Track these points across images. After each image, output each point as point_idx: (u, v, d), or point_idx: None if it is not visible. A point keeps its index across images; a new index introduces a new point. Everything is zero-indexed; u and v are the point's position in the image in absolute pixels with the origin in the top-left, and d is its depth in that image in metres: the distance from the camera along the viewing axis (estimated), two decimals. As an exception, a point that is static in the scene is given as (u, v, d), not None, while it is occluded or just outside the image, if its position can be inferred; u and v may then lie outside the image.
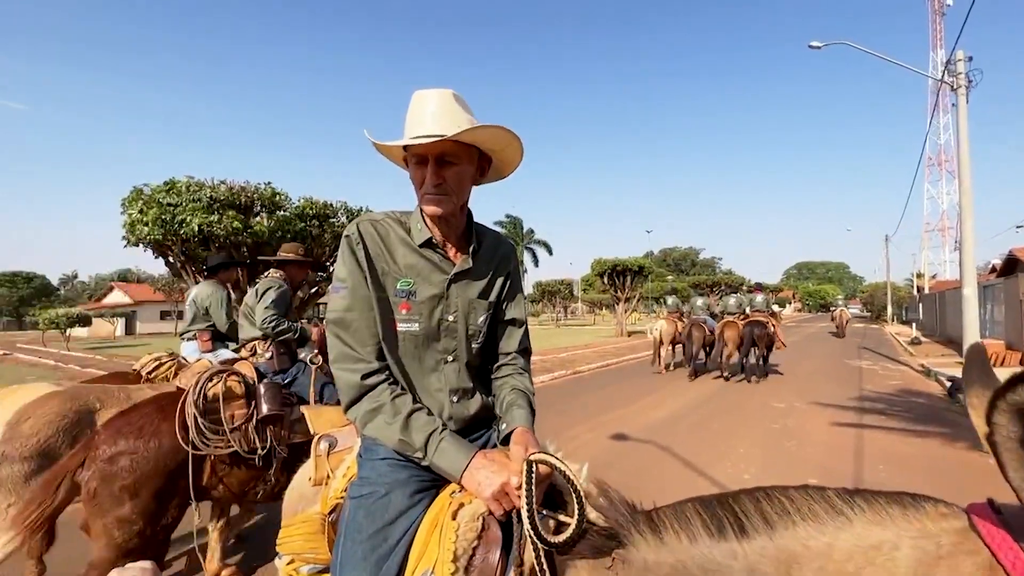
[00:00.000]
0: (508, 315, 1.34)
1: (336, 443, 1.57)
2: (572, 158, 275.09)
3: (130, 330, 40.41)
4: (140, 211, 7.57)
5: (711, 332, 10.72)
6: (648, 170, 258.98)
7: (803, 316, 61.47)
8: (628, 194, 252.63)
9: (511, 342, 1.35)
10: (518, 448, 1.06)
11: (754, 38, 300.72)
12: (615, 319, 26.96)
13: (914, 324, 21.31)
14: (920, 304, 28.80)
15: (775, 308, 11.37)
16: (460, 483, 1.07)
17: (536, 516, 0.91)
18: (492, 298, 1.29)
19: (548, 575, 0.88)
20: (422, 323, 1.20)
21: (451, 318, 1.22)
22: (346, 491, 1.23)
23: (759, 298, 10.85)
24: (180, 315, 40.73)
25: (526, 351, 1.38)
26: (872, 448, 5.27)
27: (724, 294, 14.48)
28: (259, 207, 8.56)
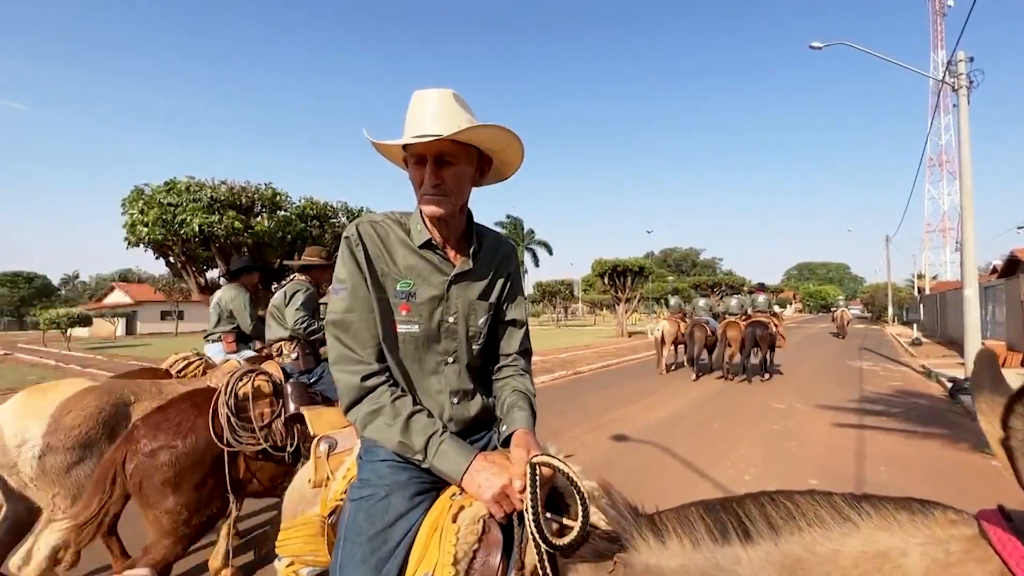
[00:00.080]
0: (508, 316, 1.33)
1: (336, 444, 1.57)
2: (573, 159, 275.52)
3: (131, 330, 40.43)
4: (141, 211, 7.56)
5: (713, 332, 10.73)
6: (649, 170, 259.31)
7: (804, 317, 61.44)
8: (629, 194, 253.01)
9: (512, 343, 1.34)
10: (520, 451, 1.04)
11: (755, 38, 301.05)
12: (615, 320, 26.95)
13: (915, 325, 21.31)
14: (921, 305, 28.78)
15: (776, 309, 11.37)
16: (460, 485, 1.06)
17: (541, 519, 0.91)
18: (492, 299, 1.28)
19: None
20: (422, 325, 1.19)
21: (451, 319, 1.21)
22: (346, 493, 1.23)
23: (761, 298, 10.82)
24: (181, 315, 40.81)
25: (527, 352, 1.37)
26: (873, 449, 5.26)
27: (725, 295, 14.51)
28: (260, 207, 8.55)
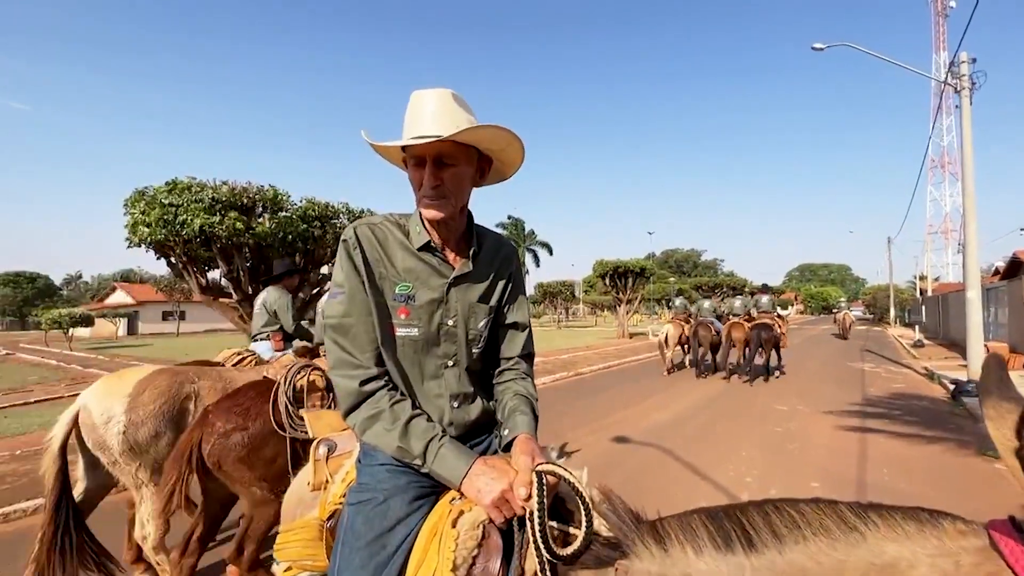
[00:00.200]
0: (510, 319, 1.32)
1: (335, 447, 1.55)
2: (574, 159, 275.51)
3: (132, 330, 40.52)
4: (142, 212, 7.56)
5: (717, 333, 10.83)
6: (650, 171, 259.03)
7: (805, 318, 61.34)
8: (630, 195, 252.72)
9: (513, 346, 1.32)
10: (524, 458, 1.03)
11: (757, 39, 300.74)
12: (617, 321, 26.91)
13: (917, 327, 21.28)
14: (923, 307, 28.73)
15: (780, 311, 11.40)
16: (460, 490, 1.05)
17: (547, 529, 0.90)
18: (493, 302, 1.27)
19: None
20: (421, 328, 1.18)
21: (451, 323, 1.20)
22: (344, 497, 1.22)
23: (764, 299, 10.86)
24: (182, 316, 40.90)
25: (529, 355, 1.36)
26: (875, 451, 5.23)
27: (726, 296, 14.58)
28: (261, 208, 8.54)
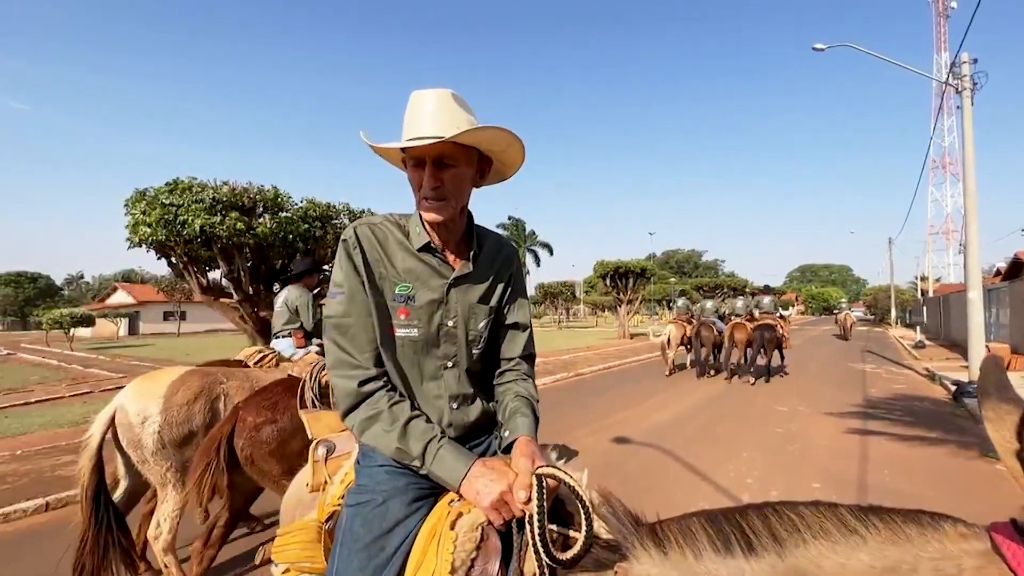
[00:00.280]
0: (510, 319, 1.31)
1: (334, 448, 1.55)
2: (575, 160, 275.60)
3: (133, 330, 40.55)
4: (143, 212, 7.56)
5: (720, 334, 10.91)
6: (651, 172, 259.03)
7: (806, 319, 61.27)
8: (631, 196, 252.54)
9: (514, 347, 1.32)
10: (524, 460, 1.02)
11: (757, 40, 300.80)
12: (617, 321, 26.88)
13: (918, 327, 21.21)
14: (924, 307, 28.68)
15: (782, 312, 11.45)
16: (458, 492, 1.04)
17: (546, 533, 0.89)
18: (493, 303, 1.26)
19: None
20: (421, 329, 1.17)
21: (451, 323, 1.20)
22: (343, 498, 1.21)
23: (766, 300, 10.96)
24: (183, 316, 40.92)
25: (530, 356, 1.35)
26: (876, 453, 5.22)
27: (726, 296, 14.67)
28: (262, 208, 8.54)
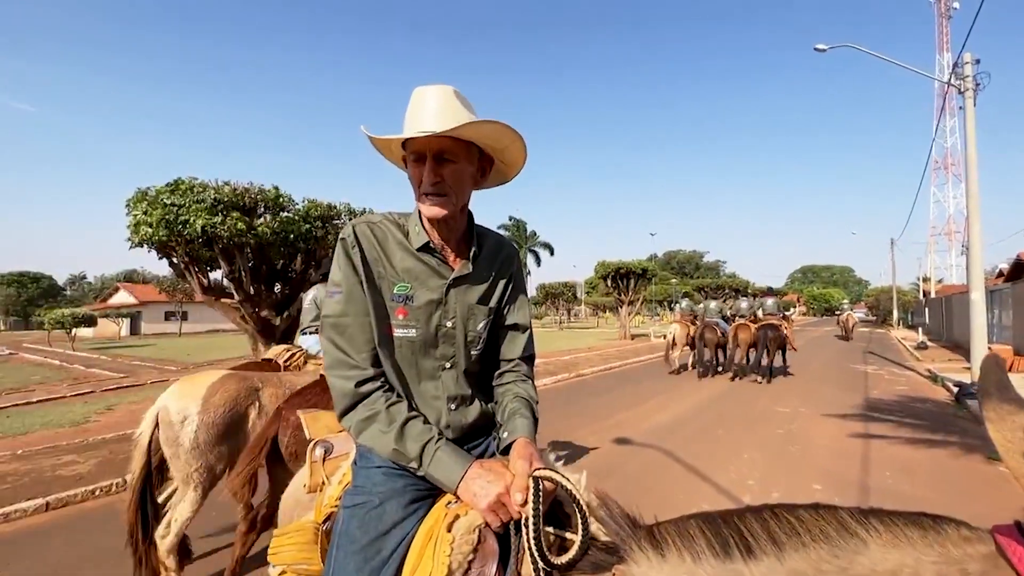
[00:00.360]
0: (510, 320, 1.30)
1: (332, 449, 1.54)
2: (576, 160, 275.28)
3: (135, 330, 40.61)
4: (144, 212, 7.57)
5: (723, 334, 11.08)
6: (652, 173, 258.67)
7: (807, 320, 61.13)
8: (632, 197, 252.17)
9: (513, 348, 1.30)
10: (522, 462, 1.01)
11: (759, 40, 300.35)
12: (618, 322, 26.86)
13: (920, 329, 21.16)
14: (926, 308, 28.61)
15: (786, 313, 11.59)
16: (456, 494, 1.04)
17: (541, 537, 0.89)
18: (493, 304, 1.25)
19: None
20: (419, 329, 1.16)
21: (449, 324, 1.19)
22: (340, 499, 1.20)
23: (770, 302, 11.20)
24: (185, 316, 40.97)
25: (530, 357, 1.34)
26: (878, 454, 5.21)
27: (728, 297, 14.80)
28: (263, 208, 8.54)
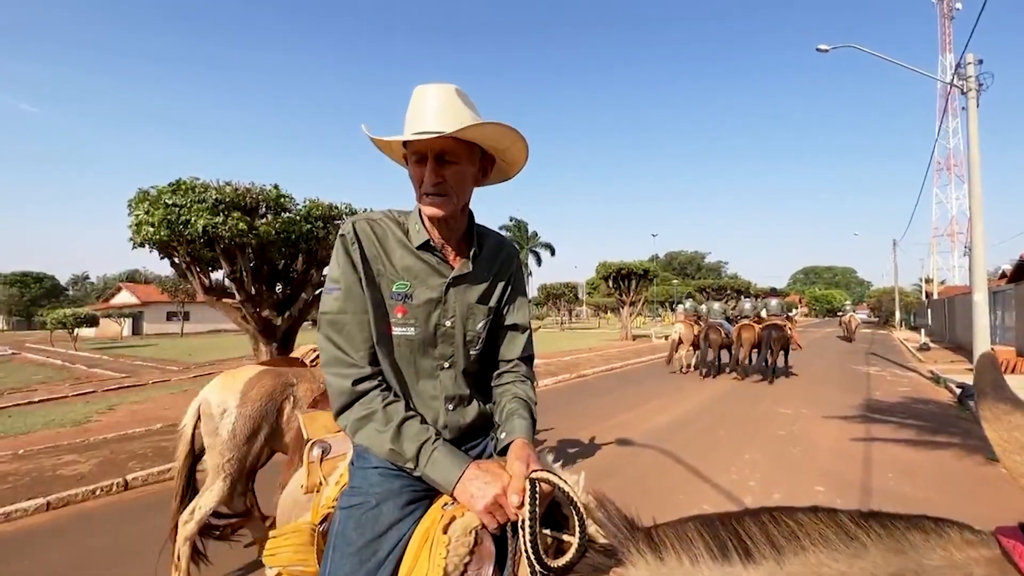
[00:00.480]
0: (509, 320, 1.29)
1: (330, 449, 1.53)
2: (577, 161, 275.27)
3: (137, 330, 40.69)
4: (146, 212, 7.57)
5: (727, 335, 11.17)
6: (654, 173, 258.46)
7: (809, 321, 61.02)
8: (634, 197, 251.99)
9: (513, 348, 1.29)
10: (519, 464, 1.00)
11: (761, 41, 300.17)
12: (620, 323, 26.83)
13: (923, 330, 21.11)
14: (929, 310, 28.54)
15: (789, 314, 11.67)
16: (452, 495, 1.02)
17: (538, 540, 0.87)
18: (492, 303, 1.25)
19: None
20: (418, 328, 1.15)
21: (448, 323, 1.18)
22: (337, 500, 1.19)
23: (773, 303, 11.39)
24: (187, 316, 41.01)
25: (529, 358, 1.33)
26: (880, 455, 5.18)
27: (729, 298, 14.98)
28: (264, 208, 8.53)
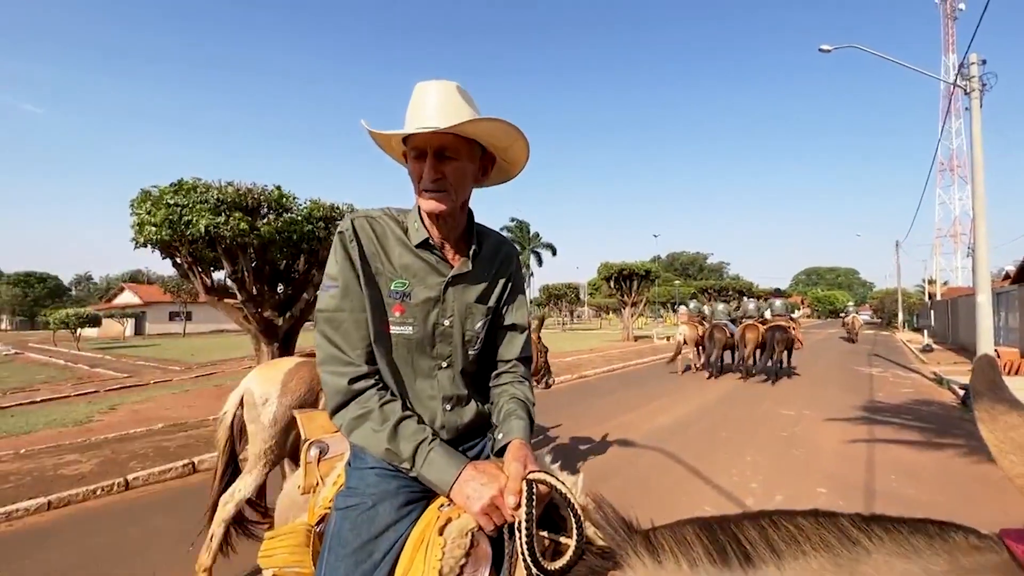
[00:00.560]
0: (508, 320, 1.28)
1: (327, 449, 1.52)
2: (579, 162, 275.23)
3: (139, 330, 40.77)
4: (148, 212, 7.57)
5: (731, 335, 11.23)
6: (656, 174, 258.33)
7: (812, 322, 60.86)
8: (636, 198, 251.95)
9: (511, 348, 1.28)
10: (516, 465, 0.98)
11: (763, 41, 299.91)
12: (621, 323, 26.78)
13: (926, 331, 21.01)
14: (932, 311, 28.42)
15: (792, 315, 11.68)
16: (449, 496, 1.01)
17: (534, 542, 0.86)
18: (491, 303, 1.23)
19: None
20: (416, 327, 1.14)
21: (447, 323, 1.17)
22: (333, 501, 1.18)
23: (778, 303, 11.39)
24: (189, 316, 41.08)
25: (527, 358, 1.31)
26: (883, 457, 5.15)
27: (731, 298, 15.04)
28: (266, 209, 8.53)
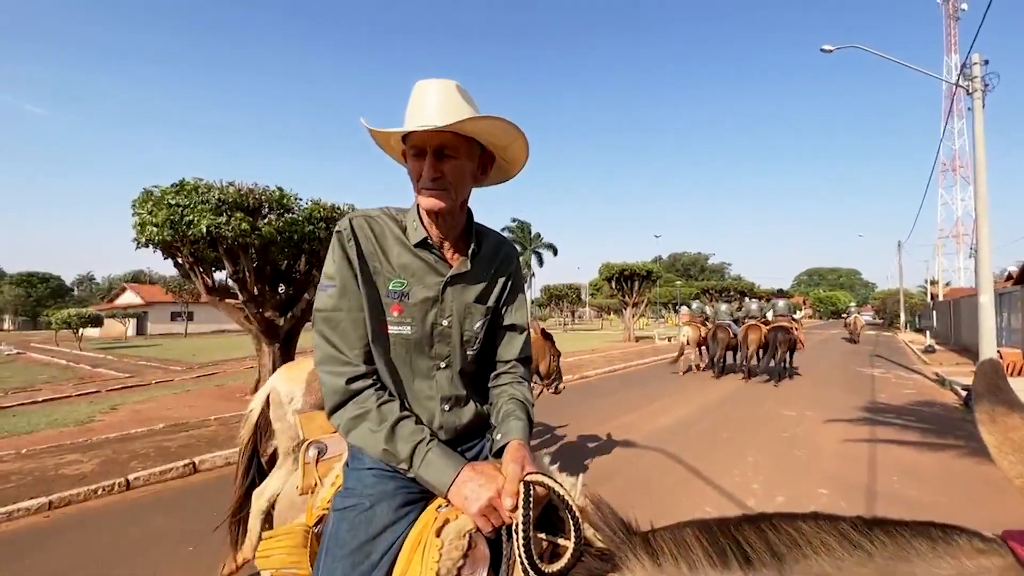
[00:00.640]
0: (508, 320, 1.27)
1: (325, 450, 1.52)
2: (580, 162, 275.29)
3: (141, 331, 40.82)
4: (150, 212, 7.59)
5: (734, 336, 11.29)
6: (657, 174, 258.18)
7: (814, 322, 60.76)
8: (637, 198, 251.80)
9: (511, 349, 1.28)
10: (514, 466, 0.98)
11: (764, 41, 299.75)
12: (623, 324, 26.77)
13: (928, 332, 20.96)
14: (934, 311, 28.36)
15: (794, 316, 11.68)
16: (447, 497, 1.00)
17: (532, 544, 0.86)
18: (490, 303, 1.23)
19: None
20: (414, 327, 1.14)
21: (445, 323, 1.16)
22: (331, 502, 1.18)
23: (781, 304, 11.41)
24: (190, 316, 41.15)
25: (527, 359, 1.31)
26: (885, 458, 5.14)
27: (733, 299, 15.11)
28: (267, 209, 8.55)
